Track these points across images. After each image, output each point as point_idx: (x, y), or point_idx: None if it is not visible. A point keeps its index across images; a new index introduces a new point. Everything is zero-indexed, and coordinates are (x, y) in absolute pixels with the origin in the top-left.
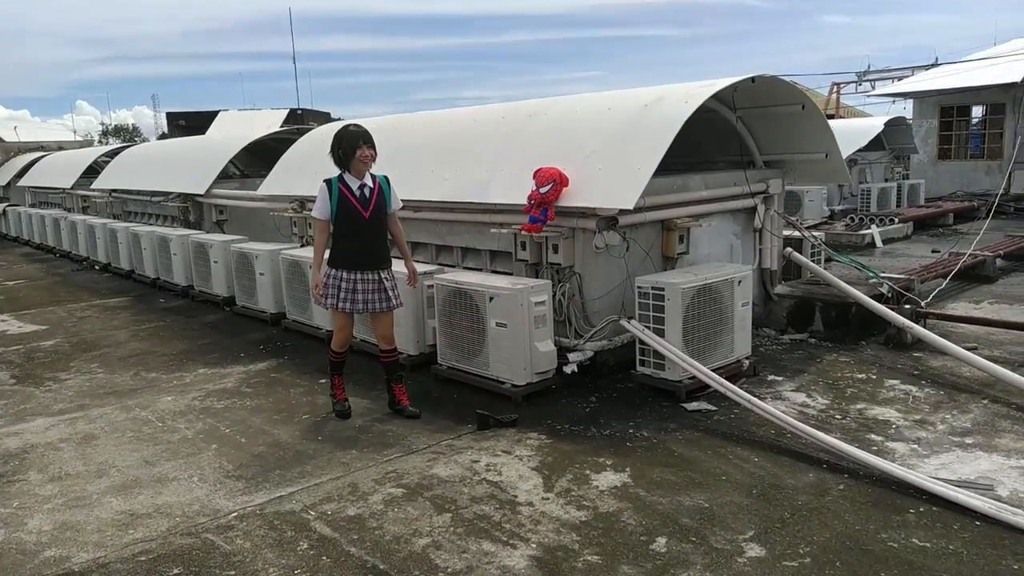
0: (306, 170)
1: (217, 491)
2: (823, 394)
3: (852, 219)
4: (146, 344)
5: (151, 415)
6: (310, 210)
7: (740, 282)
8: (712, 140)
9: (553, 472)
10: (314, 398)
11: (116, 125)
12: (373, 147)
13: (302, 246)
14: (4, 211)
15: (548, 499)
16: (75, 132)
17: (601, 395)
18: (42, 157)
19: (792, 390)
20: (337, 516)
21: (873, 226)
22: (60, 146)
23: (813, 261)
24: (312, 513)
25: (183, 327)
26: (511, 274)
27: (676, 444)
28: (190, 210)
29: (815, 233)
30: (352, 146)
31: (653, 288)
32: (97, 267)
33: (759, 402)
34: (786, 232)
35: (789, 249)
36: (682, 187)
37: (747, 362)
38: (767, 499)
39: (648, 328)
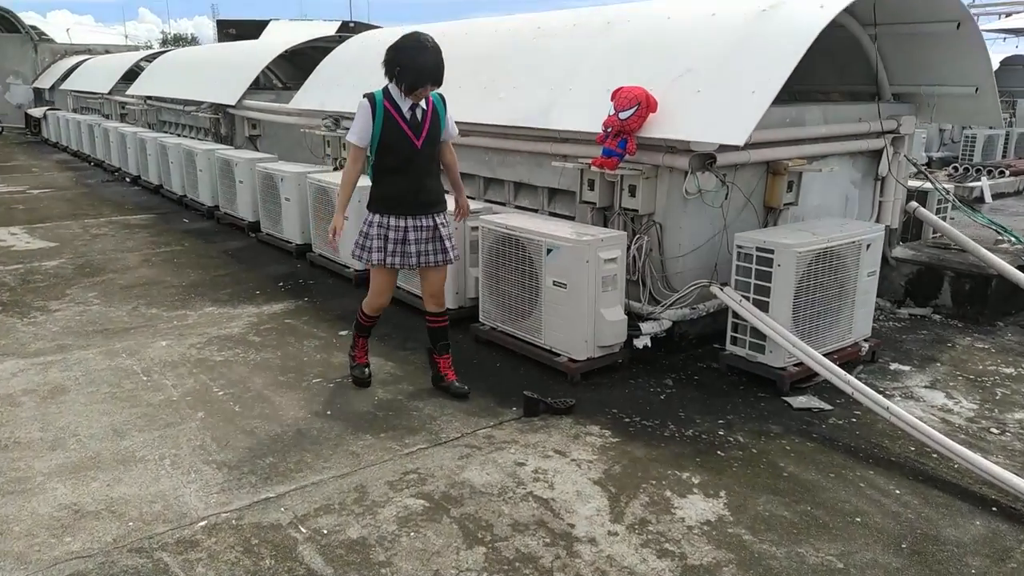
0: (344, 81)
1: (190, 483)
2: (967, 395)
3: (956, 169)
4: (155, 272)
5: (137, 364)
6: (347, 130)
7: (869, 245)
8: (829, 64)
9: (622, 490)
10: (329, 355)
11: (175, 35)
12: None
13: (335, 169)
14: (45, 115)
15: (616, 535)
16: (126, 37)
17: (679, 377)
18: (85, 60)
19: (925, 386)
20: (334, 538)
21: (983, 178)
22: (107, 50)
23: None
24: (303, 530)
25: (200, 253)
26: (573, 219)
27: (784, 458)
28: (221, 123)
29: (946, 185)
30: (416, 80)
31: (759, 249)
32: (127, 179)
33: (892, 406)
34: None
35: (915, 204)
36: (796, 121)
37: (866, 345)
38: (924, 561)
39: (747, 299)
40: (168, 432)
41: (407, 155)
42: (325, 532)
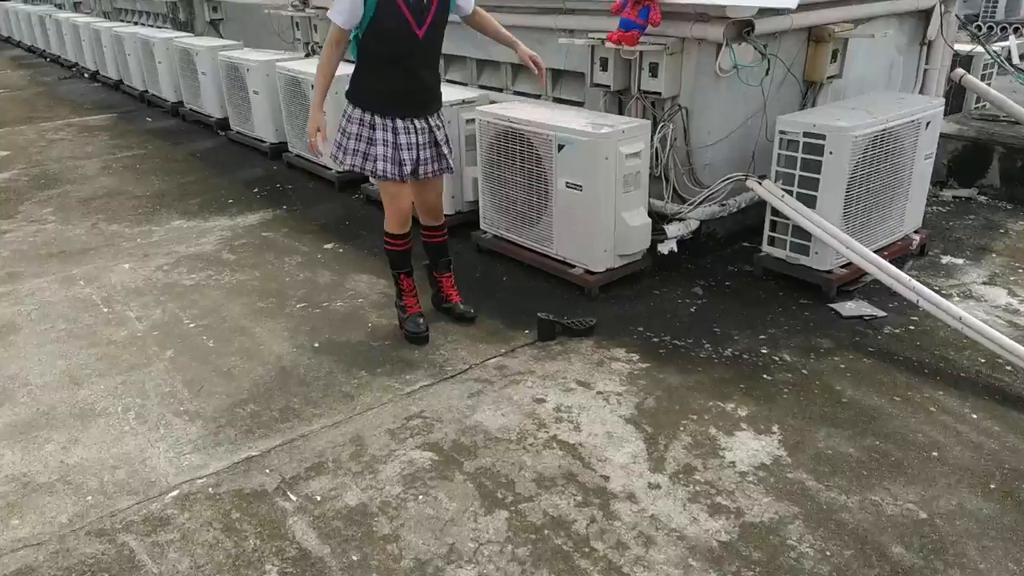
0: None
1: (158, 441)
2: None
3: (979, 27)
4: (117, 180)
5: (97, 293)
6: (318, 10)
7: (928, 124)
8: None
9: (660, 429)
10: (314, 273)
11: None
12: None
13: (306, 56)
14: None
15: (659, 488)
16: None
17: (709, 284)
18: None
19: (983, 282)
20: (330, 507)
21: (1012, 37)
22: None
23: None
24: (292, 498)
25: (165, 157)
26: (582, 104)
27: (839, 379)
28: (179, 7)
29: (995, 47)
30: None
31: (807, 135)
32: (85, 75)
33: (966, 316)
34: None
35: (961, 71)
36: None
37: (916, 238)
38: (1020, 505)
39: (790, 193)
40: (132, 377)
41: (406, 45)
42: (318, 499)
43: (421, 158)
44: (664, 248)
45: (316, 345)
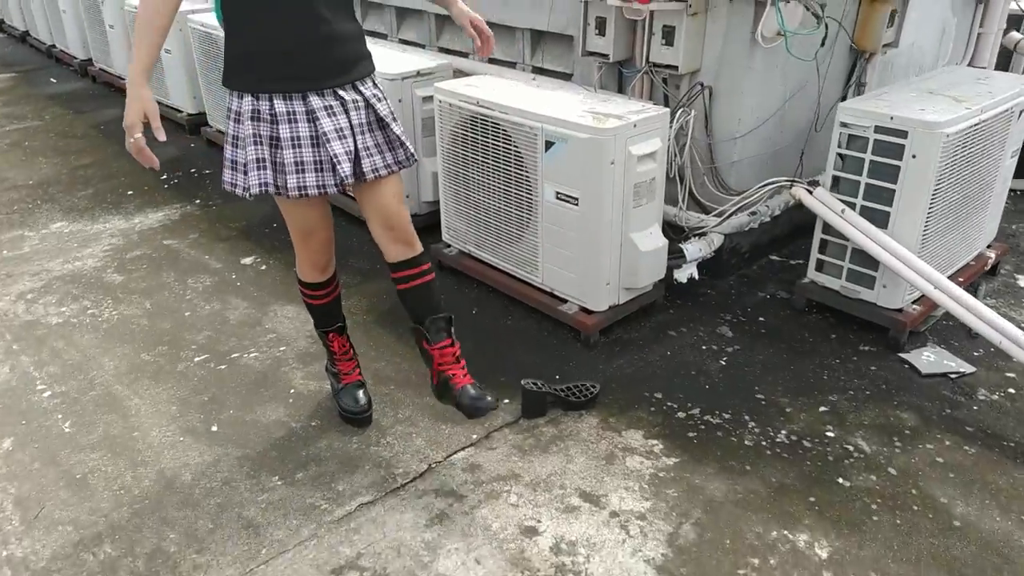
0: None
1: None
2: None
3: None
4: None
5: None
6: None
7: (1021, 113)
8: None
9: None
10: (225, 305)
11: None
12: None
13: None
14: None
15: None
16: None
17: (738, 320)
18: None
19: None
20: None
21: None
22: None
23: None
24: None
25: (63, 131)
26: (570, 77)
27: (942, 484)
28: None
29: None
30: None
31: (881, 129)
32: None
33: None
34: None
35: (1017, 35)
36: None
37: (992, 255)
38: None
39: (852, 207)
40: None
41: None
42: None
43: (361, 147)
44: (682, 275)
45: (214, 429)
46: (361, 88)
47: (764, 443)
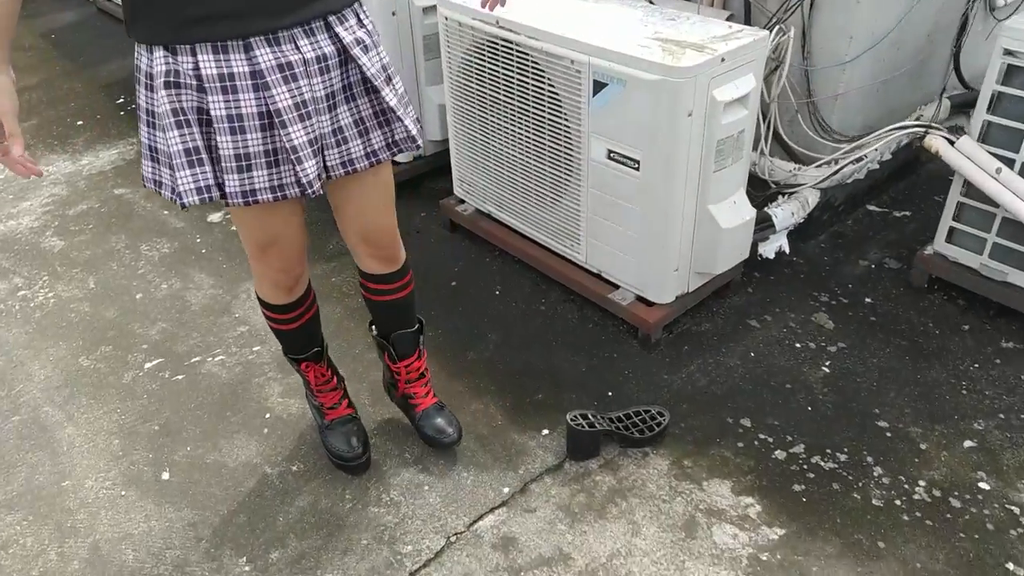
0: None
1: None
2: None
3: None
4: None
5: None
6: None
7: None
8: None
9: None
10: (187, 283)
11: None
12: None
13: None
14: None
15: None
16: None
17: (839, 302)
18: None
19: None
20: None
21: None
22: None
23: None
24: None
25: None
26: None
27: None
28: None
29: None
30: None
31: None
32: None
33: None
34: None
35: None
36: None
37: None
38: None
39: (1010, 166)
40: None
41: None
42: None
43: (333, 128)
44: (769, 250)
45: (165, 477)
46: (337, 29)
47: (898, 502)
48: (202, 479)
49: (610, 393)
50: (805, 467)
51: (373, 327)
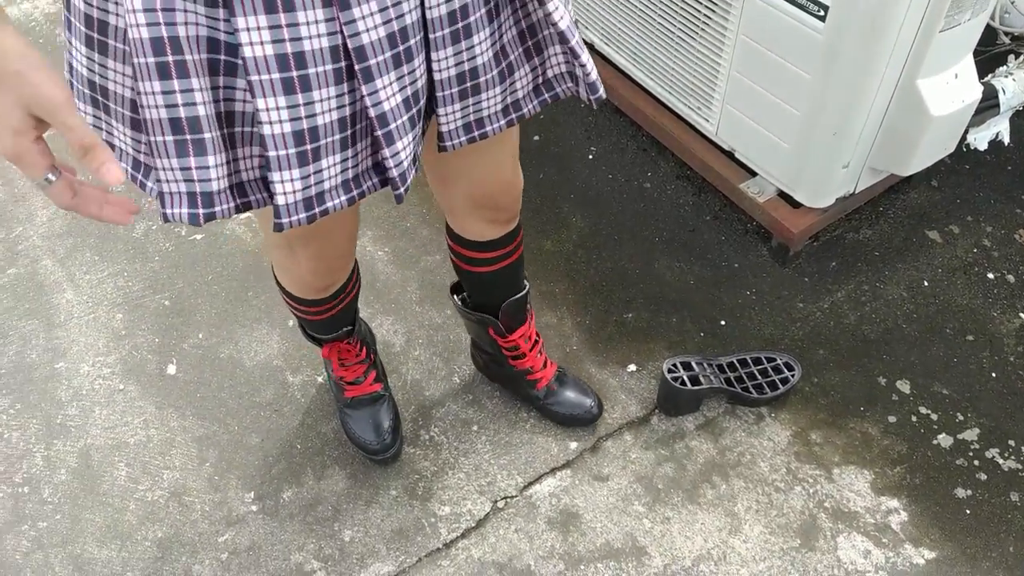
0: None
1: None
2: None
3: None
4: None
5: None
6: None
7: None
8: None
9: None
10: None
11: None
12: None
13: None
14: None
15: None
16: None
17: None
18: None
19: None
20: None
21: None
22: None
23: None
24: None
25: None
26: None
27: None
28: None
29: None
30: None
31: None
32: None
33: None
34: None
35: None
36: None
37: None
38: None
39: None
40: None
41: None
42: None
43: (460, 77)
44: (982, 139)
45: (171, 371)
46: None
47: None
48: (213, 380)
49: (723, 322)
50: (976, 463)
51: (464, 297)
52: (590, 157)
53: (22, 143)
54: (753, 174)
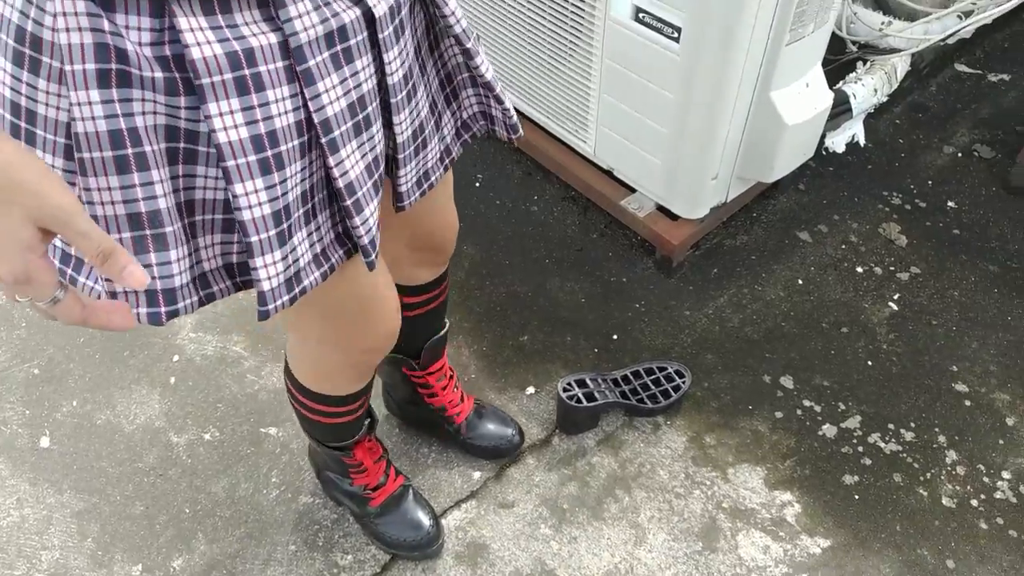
0: None
1: None
2: None
3: None
4: None
5: None
6: None
7: None
8: None
9: None
10: None
11: None
12: None
13: None
14: None
15: None
16: None
17: (910, 202)
18: None
19: None
20: None
21: None
22: None
23: None
24: None
25: None
26: None
27: None
28: None
29: None
30: None
31: None
32: None
33: None
34: None
35: None
36: None
37: None
38: None
39: None
40: None
41: None
42: None
43: (416, 134)
44: (839, 142)
45: (44, 444)
46: None
47: (975, 502)
48: (90, 449)
49: (615, 336)
50: (860, 449)
51: (395, 360)
52: (477, 185)
53: (33, 261)
54: (633, 190)
